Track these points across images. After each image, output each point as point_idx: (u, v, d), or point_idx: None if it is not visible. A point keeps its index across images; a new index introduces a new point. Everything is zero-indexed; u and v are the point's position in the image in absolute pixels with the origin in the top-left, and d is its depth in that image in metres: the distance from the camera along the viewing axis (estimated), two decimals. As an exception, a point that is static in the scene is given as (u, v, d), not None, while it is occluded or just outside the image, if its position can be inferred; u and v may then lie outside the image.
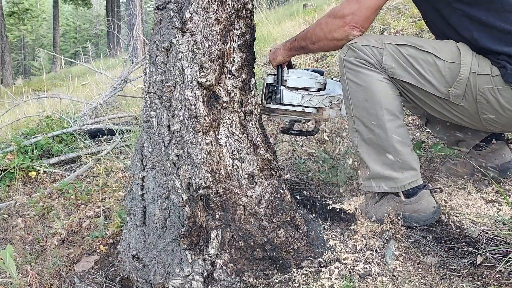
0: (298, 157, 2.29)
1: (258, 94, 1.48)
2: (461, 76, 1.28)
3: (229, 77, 1.34)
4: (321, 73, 1.63)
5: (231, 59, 1.35)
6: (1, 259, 1.51)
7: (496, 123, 1.33)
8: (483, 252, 1.23)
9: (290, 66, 1.77)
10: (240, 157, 1.35)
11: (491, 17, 1.25)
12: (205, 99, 1.28)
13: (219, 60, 1.31)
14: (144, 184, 1.37)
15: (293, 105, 1.59)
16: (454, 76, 1.29)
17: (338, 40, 1.39)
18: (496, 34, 1.25)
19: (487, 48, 1.27)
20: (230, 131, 1.34)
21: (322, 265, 1.31)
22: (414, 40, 1.36)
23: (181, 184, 1.27)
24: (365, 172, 1.47)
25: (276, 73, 1.61)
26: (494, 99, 1.27)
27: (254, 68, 1.45)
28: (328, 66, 4.12)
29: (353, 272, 1.26)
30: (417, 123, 2.44)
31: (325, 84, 1.59)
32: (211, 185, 1.28)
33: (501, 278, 1.14)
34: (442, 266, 1.23)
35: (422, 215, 1.40)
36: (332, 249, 1.38)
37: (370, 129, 1.39)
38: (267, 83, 1.61)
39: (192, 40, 1.27)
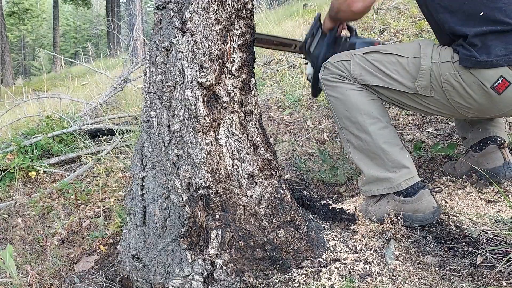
0: (298, 157, 2.29)
1: (258, 94, 1.48)
2: (422, 67, 1.34)
3: (229, 77, 1.34)
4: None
5: (231, 59, 1.35)
6: (1, 259, 1.51)
7: (470, 109, 1.36)
8: (483, 252, 1.23)
9: (349, 28, 1.80)
10: (240, 157, 1.35)
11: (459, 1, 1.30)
12: (205, 99, 1.28)
13: (219, 60, 1.31)
14: (144, 184, 1.37)
15: None
16: (417, 69, 1.35)
17: (349, 11, 1.45)
18: (461, 16, 1.30)
19: (451, 31, 1.32)
20: (230, 131, 1.34)
21: (322, 265, 1.31)
22: (380, 47, 1.46)
23: (181, 184, 1.27)
24: (362, 178, 1.52)
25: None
26: (458, 84, 1.31)
27: (254, 68, 1.45)
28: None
29: (353, 272, 1.26)
30: (417, 123, 2.44)
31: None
32: (211, 185, 1.28)
33: (501, 278, 1.14)
34: (442, 266, 1.23)
35: (422, 215, 1.41)
36: (332, 249, 1.38)
37: (357, 136, 1.45)
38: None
39: (192, 40, 1.27)
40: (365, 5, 1.42)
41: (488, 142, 1.63)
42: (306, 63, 1.83)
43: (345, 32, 1.75)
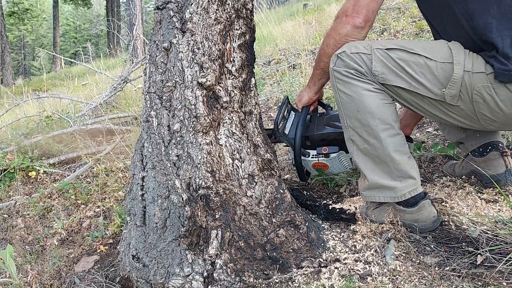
0: (298, 157, 2.28)
1: (258, 94, 1.48)
2: (455, 75, 1.25)
3: (229, 77, 1.34)
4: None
5: (231, 59, 1.35)
6: (1, 259, 1.51)
7: (495, 122, 1.30)
8: (483, 252, 1.23)
9: (322, 105, 1.76)
10: (240, 157, 1.35)
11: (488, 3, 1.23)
12: (205, 99, 1.28)
13: (219, 60, 1.31)
14: (144, 184, 1.37)
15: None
16: (447, 76, 1.26)
17: (346, 35, 1.38)
18: (498, 25, 1.21)
19: (484, 38, 1.23)
20: (230, 131, 1.34)
21: (322, 265, 1.31)
22: (403, 43, 1.34)
23: (181, 184, 1.27)
24: (363, 182, 1.44)
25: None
26: (490, 97, 1.24)
27: (254, 68, 1.45)
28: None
29: (353, 272, 1.26)
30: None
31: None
32: (211, 185, 1.28)
33: (501, 278, 1.14)
34: (442, 266, 1.23)
35: (422, 224, 1.38)
36: (332, 249, 1.38)
37: (365, 139, 1.36)
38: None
39: (192, 40, 1.27)
40: (365, 23, 1.36)
41: (490, 148, 1.60)
42: (287, 145, 1.77)
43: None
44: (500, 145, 1.60)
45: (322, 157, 1.64)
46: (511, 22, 1.21)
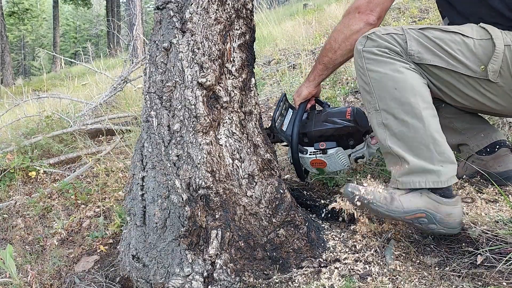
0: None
1: (258, 94, 1.48)
2: (497, 50, 1.21)
3: (229, 77, 1.34)
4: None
5: (231, 59, 1.35)
6: (1, 259, 1.51)
7: None
8: (483, 252, 1.23)
9: (320, 102, 1.76)
10: (240, 157, 1.35)
11: None
12: (205, 99, 1.28)
13: (219, 60, 1.31)
14: (144, 184, 1.37)
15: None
16: (487, 53, 1.23)
17: (358, 32, 1.36)
18: None
19: None
20: (230, 131, 1.34)
21: (322, 265, 1.31)
22: (435, 25, 1.30)
23: (181, 184, 1.27)
24: (402, 168, 1.28)
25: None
26: None
27: (254, 68, 1.45)
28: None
29: (353, 272, 1.26)
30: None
31: None
32: (211, 185, 1.28)
33: (501, 278, 1.14)
34: (442, 266, 1.23)
35: (452, 221, 1.24)
36: (332, 249, 1.38)
37: (403, 120, 1.24)
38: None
39: (192, 40, 1.27)
40: (378, 19, 1.35)
41: (498, 146, 1.60)
42: (286, 145, 1.77)
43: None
44: (507, 142, 1.60)
45: (320, 153, 1.64)
46: None
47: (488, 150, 1.62)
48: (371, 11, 1.34)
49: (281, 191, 1.38)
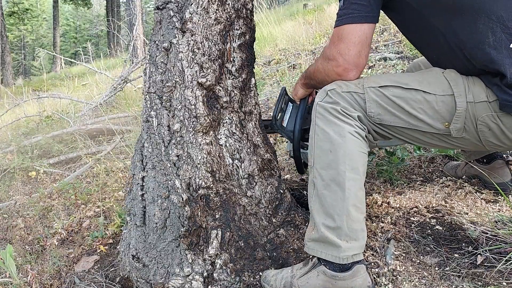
0: (298, 157, 2.28)
1: (258, 94, 1.48)
2: (459, 109, 1.17)
3: (229, 77, 1.34)
4: None
5: (231, 59, 1.35)
6: (1, 259, 1.51)
7: (501, 147, 1.24)
8: (483, 252, 1.23)
9: None
10: (240, 157, 1.35)
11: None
12: (205, 99, 1.28)
13: (219, 60, 1.31)
14: (144, 184, 1.37)
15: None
16: (450, 110, 1.17)
17: (337, 81, 1.29)
18: (506, 52, 1.12)
19: (486, 65, 1.15)
20: (230, 131, 1.34)
21: (322, 265, 1.31)
22: (397, 78, 1.25)
23: (181, 184, 1.27)
24: (312, 233, 1.24)
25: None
26: (496, 126, 1.17)
27: (254, 68, 1.45)
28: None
29: (353, 272, 1.26)
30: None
31: None
32: (211, 185, 1.28)
33: (501, 278, 1.14)
34: (442, 266, 1.23)
35: None
36: (332, 249, 1.38)
37: (327, 184, 1.20)
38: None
39: (192, 40, 1.27)
40: (358, 74, 1.26)
41: (494, 158, 1.63)
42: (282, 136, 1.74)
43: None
44: (504, 155, 1.63)
45: None
46: (509, 51, 1.13)
47: (485, 161, 1.65)
48: (349, 66, 1.24)
49: (281, 191, 1.38)
